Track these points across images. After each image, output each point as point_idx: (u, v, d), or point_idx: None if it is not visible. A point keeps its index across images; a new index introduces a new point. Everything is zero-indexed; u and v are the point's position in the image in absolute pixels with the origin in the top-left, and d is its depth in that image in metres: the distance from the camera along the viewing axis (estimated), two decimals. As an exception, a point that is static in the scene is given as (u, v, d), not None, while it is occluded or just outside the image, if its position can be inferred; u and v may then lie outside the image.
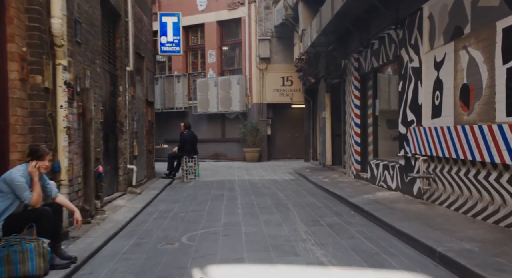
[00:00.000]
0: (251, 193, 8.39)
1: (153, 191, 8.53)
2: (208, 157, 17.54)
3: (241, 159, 16.80)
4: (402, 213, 5.45)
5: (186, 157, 10.76)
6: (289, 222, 5.57)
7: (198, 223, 5.68)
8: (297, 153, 17.28)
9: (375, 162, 8.24)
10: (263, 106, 16.77)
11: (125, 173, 7.99)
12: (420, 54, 6.22)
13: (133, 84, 8.64)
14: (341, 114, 11.57)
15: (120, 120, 7.91)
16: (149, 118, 10.16)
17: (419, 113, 6.26)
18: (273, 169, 13.50)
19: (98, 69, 6.40)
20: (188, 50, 18.46)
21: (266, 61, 16.69)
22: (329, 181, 9.45)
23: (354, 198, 6.77)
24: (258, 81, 16.75)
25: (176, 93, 17.95)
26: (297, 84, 16.75)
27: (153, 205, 7.20)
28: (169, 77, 18.12)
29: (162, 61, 19.37)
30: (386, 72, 8.47)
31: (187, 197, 8.13)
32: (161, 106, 18.21)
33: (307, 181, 10.23)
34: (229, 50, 17.90)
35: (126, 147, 8.06)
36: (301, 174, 11.56)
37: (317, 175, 10.83)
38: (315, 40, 10.37)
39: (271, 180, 10.60)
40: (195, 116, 17.82)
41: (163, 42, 10.71)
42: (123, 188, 7.89)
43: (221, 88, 16.84)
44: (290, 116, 17.49)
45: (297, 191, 8.52)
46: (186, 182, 10.54)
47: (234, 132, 16.88)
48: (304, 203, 7.02)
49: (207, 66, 17.75)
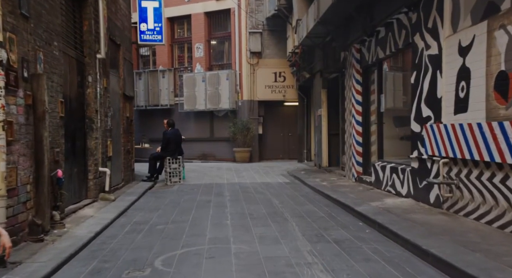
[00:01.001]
0: (242, 199, 7.41)
1: (130, 197, 7.48)
2: (196, 158, 16.51)
3: (231, 159, 15.81)
4: (422, 226, 4.53)
5: (169, 157, 9.72)
6: (289, 238, 4.60)
7: (179, 238, 4.67)
8: (290, 153, 16.37)
9: (380, 163, 7.33)
10: (254, 103, 15.80)
11: (96, 176, 6.93)
12: (440, 39, 5.31)
13: (106, 74, 7.57)
14: (339, 112, 10.67)
15: (89, 116, 6.85)
16: (127, 115, 9.10)
17: (437, 108, 5.35)
18: (265, 170, 12.54)
19: (57, 53, 5.33)
20: (173, 44, 17.37)
21: (257, 55, 15.72)
22: (328, 184, 8.53)
23: (361, 206, 5.84)
24: (249, 77, 15.77)
25: (161, 89, 16.86)
26: (290, 80, 15.82)
27: (128, 215, 6.16)
28: (153, 72, 17.01)
29: (146, 55, 18.24)
30: (394, 63, 7.56)
31: (168, 204, 7.10)
32: (145, 103, 17.12)
33: (303, 184, 9.29)
34: (218, 43, 16.88)
35: (98, 146, 7.00)
36: (296, 176, 10.62)
37: (314, 177, 9.89)
38: (312, 29, 9.44)
39: (263, 183, 9.63)
40: (182, 113, 16.76)
41: (143, 30, 9.64)
42: (93, 194, 6.83)
43: (209, 84, 15.82)
44: (282, 114, 16.57)
45: (294, 197, 7.57)
46: (169, 185, 9.50)
47: (223, 131, 15.88)
48: (303, 212, 6.06)
49: (194, 60, 16.70)
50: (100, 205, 6.61)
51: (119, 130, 8.63)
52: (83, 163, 6.72)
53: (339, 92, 10.51)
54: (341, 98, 10.41)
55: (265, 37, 15.76)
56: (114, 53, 8.48)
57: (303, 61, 13.32)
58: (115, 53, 8.52)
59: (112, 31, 8.09)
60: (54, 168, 5.10)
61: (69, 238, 4.57)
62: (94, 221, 5.41)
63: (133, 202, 7.15)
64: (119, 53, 8.70)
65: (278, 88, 15.92)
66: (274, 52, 15.83)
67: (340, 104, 10.45)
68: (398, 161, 6.83)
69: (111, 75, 8.05)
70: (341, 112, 10.45)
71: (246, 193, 8.09)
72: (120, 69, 8.73)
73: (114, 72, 8.38)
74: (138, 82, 17.20)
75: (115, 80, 8.44)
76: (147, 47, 18.06)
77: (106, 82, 7.47)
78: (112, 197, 7.10)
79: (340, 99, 10.44)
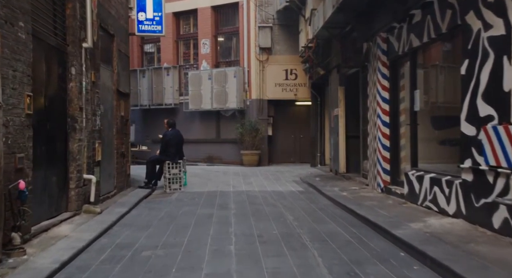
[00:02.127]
0: (250, 213, 6.32)
1: (119, 209, 6.45)
2: (201, 160, 15.49)
3: (238, 162, 14.74)
4: (498, 266, 3.33)
5: (169, 162, 8.68)
6: (312, 276, 3.50)
7: (166, 274, 3.60)
8: (302, 156, 15.24)
9: (415, 173, 6.17)
10: (263, 103, 14.72)
11: (79, 185, 5.91)
12: (508, 16, 4.14)
13: (95, 67, 6.56)
14: (359, 112, 9.53)
15: (71, 114, 5.83)
16: (121, 114, 8.08)
17: (504, 106, 4.18)
18: (276, 176, 11.43)
19: (23, 36, 4.31)
20: (179, 40, 16.38)
21: (267, 51, 14.64)
22: (349, 195, 7.40)
23: (398, 227, 4.70)
24: (258, 74, 14.70)
25: (165, 87, 15.87)
26: (302, 78, 14.70)
27: (111, 233, 5.11)
28: (157, 70, 16.03)
29: (150, 52, 17.30)
30: (433, 52, 6.39)
31: (163, 218, 6.05)
32: (149, 102, 16.16)
33: (320, 194, 8.17)
34: (225, 39, 15.83)
35: (82, 150, 5.98)
36: (310, 183, 9.50)
37: (331, 185, 8.77)
38: (329, 18, 8.31)
39: (274, 192, 8.53)
40: (186, 113, 15.76)
41: (141, 20, 8.63)
42: (75, 206, 5.81)
43: (216, 82, 14.79)
44: (294, 114, 15.46)
45: (311, 211, 6.45)
46: (168, 193, 8.46)
47: (231, 133, 14.81)
48: (325, 234, 4.95)
49: (200, 57, 15.68)
50: (82, 220, 5.57)
51: (111, 131, 7.61)
52: (63, 170, 5.70)
53: (360, 90, 9.37)
54: (362, 96, 9.26)
55: (275, 32, 14.68)
56: (107, 44, 7.47)
57: (317, 57, 12.19)
58: (107, 44, 7.51)
59: (104, 19, 7.08)
60: (15, 178, 4.07)
61: (25, 271, 3.53)
62: (66, 244, 4.37)
63: (122, 215, 6.11)
64: (113, 44, 7.69)
65: (289, 87, 14.82)
66: (285, 48, 14.74)
67: (361, 103, 9.31)
68: (442, 171, 5.65)
69: (102, 69, 7.04)
70: (361, 112, 9.30)
71: (254, 205, 7.00)
72: (114, 62, 7.72)
73: (106, 66, 7.38)
74: (141, 80, 16.27)
75: (107, 74, 7.43)
76: (151, 44, 17.15)
77: (94, 76, 6.46)
78: (98, 209, 6.07)
79: (361, 98, 9.30)
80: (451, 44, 5.76)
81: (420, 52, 6.43)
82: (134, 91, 16.44)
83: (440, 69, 6.23)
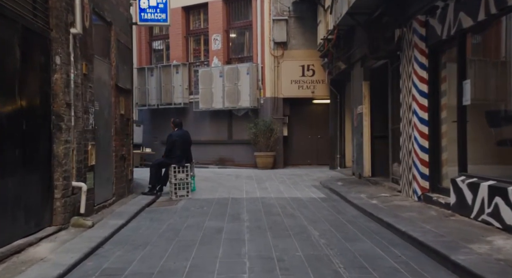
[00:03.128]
0: (266, 226, 5.36)
1: (115, 221, 5.56)
2: (212, 163, 14.61)
3: (252, 165, 13.80)
4: None
5: (175, 165, 7.80)
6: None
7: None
8: (320, 158, 14.22)
9: (466, 179, 5.12)
10: (278, 101, 13.76)
11: (66, 194, 5.05)
12: None
13: (87, 58, 5.70)
14: (387, 109, 8.50)
15: (57, 112, 4.97)
16: (121, 112, 7.22)
17: None
18: (293, 180, 10.45)
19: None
20: (188, 35, 15.55)
21: (282, 46, 13.68)
22: (380, 204, 6.38)
23: (457, 251, 3.67)
24: (272, 71, 13.74)
25: (174, 86, 15.05)
26: (320, 74, 13.68)
27: (99, 255, 4.22)
28: (166, 68, 15.22)
29: (159, 49, 16.52)
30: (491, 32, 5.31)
31: (164, 233, 5.14)
32: (157, 102, 15.36)
33: (345, 201, 7.16)
34: (238, 34, 14.92)
35: (70, 152, 5.12)
36: (332, 189, 8.49)
37: (356, 191, 7.76)
38: (356, 1, 7.30)
39: (293, 199, 7.56)
40: (197, 113, 14.91)
41: (143, 8, 7.78)
42: (61, 219, 4.95)
43: (228, 79, 13.89)
44: (311, 113, 14.45)
45: (338, 224, 5.46)
46: (174, 200, 7.56)
47: (243, 133, 13.88)
48: (361, 256, 3.95)
49: (211, 53, 14.81)
50: (68, 236, 4.70)
51: (109, 131, 6.76)
52: (47, 177, 4.84)
53: (388, 84, 8.32)
54: (391, 91, 8.23)
55: (291, 25, 13.70)
56: (103, 32, 6.63)
57: (337, 50, 11.18)
58: (104, 33, 6.67)
59: (99, 3, 6.23)
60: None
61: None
62: (38, 272, 3.49)
63: (117, 228, 5.22)
64: (110, 33, 6.84)
65: (306, 84, 13.81)
66: (302, 42, 13.75)
67: (390, 99, 8.27)
68: (504, 178, 4.59)
69: (97, 61, 6.19)
70: (391, 109, 8.27)
71: (271, 216, 6.03)
72: (112, 54, 6.87)
73: (103, 58, 6.53)
74: (149, 79, 15.50)
75: (104, 67, 6.58)
76: (160, 41, 16.39)
77: (86, 68, 5.60)
78: (89, 222, 5.19)
79: (390, 93, 8.26)
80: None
81: (472, 35, 5.37)
82: (142, 91, 15.72)
83: (498, 53, 5.16)
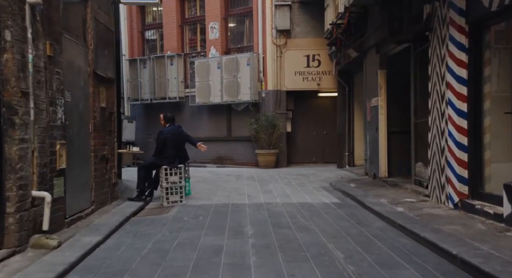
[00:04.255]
0: (276, 244, 4.31)
1: (90, 237, 4.51)
2: (210, 161, 13.56)
3: (253, 163, 12.75)
4: None
5: (166, 166, 6.75)
6: None
7: None
8: (326, 156, 13.20)
9: (525, 184, 4.08)
10: (281, 94, 12.69)
11: (23, 207, 3.99)
12: None
13: (53, 36, 4.62)
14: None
15: (8, 102, 3.90)
16: (101, 105, 6.13)
17: None
18: (299, 180, 9.41)
19: None
20: (184, 24, 14.44)
21: (285, 34, 12.59)
22: (408, 212, 5.34)
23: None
24: (275, 61, 12.67)
25: (168, 79, 13.96)
26: (327, 64, 12.61)
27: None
28: (160, 59, 14.11)
29: (153, 40, 15.41)
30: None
31: (148, 254, 4.08)
32: (151, 96, 14.28)
33: (364, 208, 6.12)
34: (237, 21, 13.81)
35: (28, 155, 4.06)
36: (345, 191, 7.46)
37: (375, 195, 6.74)
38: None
39: (303, 204, 6.51)
40: (193, 108, 13.85)
41: (127, -17, 6.70)
42: (16, 240, 3.89)
43: (227, 71, 12.81)
44: (316, 107, 13.40)
45: (365, 241, 4.41)
46: (165, 207, 6.52)
47: (243, 129, 12.81)
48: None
49: (208, 43, 13.71)
50: (22, 263, 3.65)
51: (85, 128, 5.68)
52: (-4, 185, 3.79)
53: (411, 72, 7.25)
54: (414, 80, 7.16)
55: (294, 11, 12.60)
56: (76, 9, 5.54)
57: (347, 36, 10.11)
58: (77, 10, 5.58)
59: (70, -28, 5.15)
60: None
61: None
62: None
63: (91, 248, 4.18)
64: (86, 10, 5.74)
65: (311, 75, 12.74)
66: (307, 30, 12.66)
67: (413, 88, 7.21)
68: None
69: (68, 41, 5.11)
70: (414, 100, 7.20)
71: (280, 229, 4.98)
72: (88, 35, 5.77)
73: (76, 39, 5.44)
74: (142, 71, 14.41)
75: (78, 50, 5.50)
76: (153, 30, 15.27)
77: (51, 48, 4.53)
78: (55, 241, 4.14)
79: (413, 82, 7.20)
80: None
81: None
82: (134, 84, 14.64)
83: None
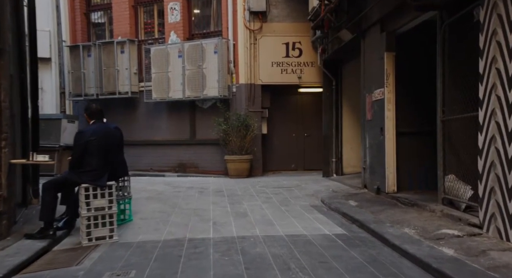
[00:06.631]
0: None
1: None
2: (170, 169, 11.28)
3: (222, 172, 10.59)
4: None
5: (87, 185, 4.42)
6: None
7: None
8: (307, 162, 11.25)
9: None
10: (256, 89, 10.62)
11: None
12: None
13: None
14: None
15: None
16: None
17: None
18: (281, 195, 7.31)
19: None
20: (138, 5, 12.06)
21: (261, 17, 10.55)
22: (466, 257, 3.36)
23: None
24: (248, 49, 10.58)
25: (118, 69, 11.52)
26: (309, 54, 10.66)
27: None
28: (108, 46, 11.64)
29: (100, 23, 12.90)
30: None
31: None
32: (97, 91, 11.78)
33: (387, 246, 4.07)
34: (202, 2, 11.60)
35: None
36: (347, 214, 5.43)
37: (391, 221, 4.75)
38: None
39: (295, 239, 4.40)
40: (149, 105, 11.49)
41: None
42: None
43: (190, 60, 10.58)
44: (297, 105, 11.43)
45: None
46: (84, 248, 4.20)
47: (211, 131, 10.59)
48: None
49: (168, 27, 11.41)
50: None
51: None
52: None
53: (437, 52, 5.31)
54: (441, 61, 5.22)
55: (272, -10, 10.59)
56: None
57: (339, 15, 8.18)
58: None
59: None
60: None
61: None
62: None
63: None
64: None
65: (291, 67, 10.75)
66: (286, 12, 10.67)
67: (440, 74, 5.26)
68: None
69: None
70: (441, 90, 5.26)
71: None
72: None
73: None
74: (86, 60, 11.89)
75: None
76: (100, 12, 12.75)
77: None
78: None
79: (440, 65, 5.25)
80: None
81: None
82: (77, 76, 12.05)
83: None
